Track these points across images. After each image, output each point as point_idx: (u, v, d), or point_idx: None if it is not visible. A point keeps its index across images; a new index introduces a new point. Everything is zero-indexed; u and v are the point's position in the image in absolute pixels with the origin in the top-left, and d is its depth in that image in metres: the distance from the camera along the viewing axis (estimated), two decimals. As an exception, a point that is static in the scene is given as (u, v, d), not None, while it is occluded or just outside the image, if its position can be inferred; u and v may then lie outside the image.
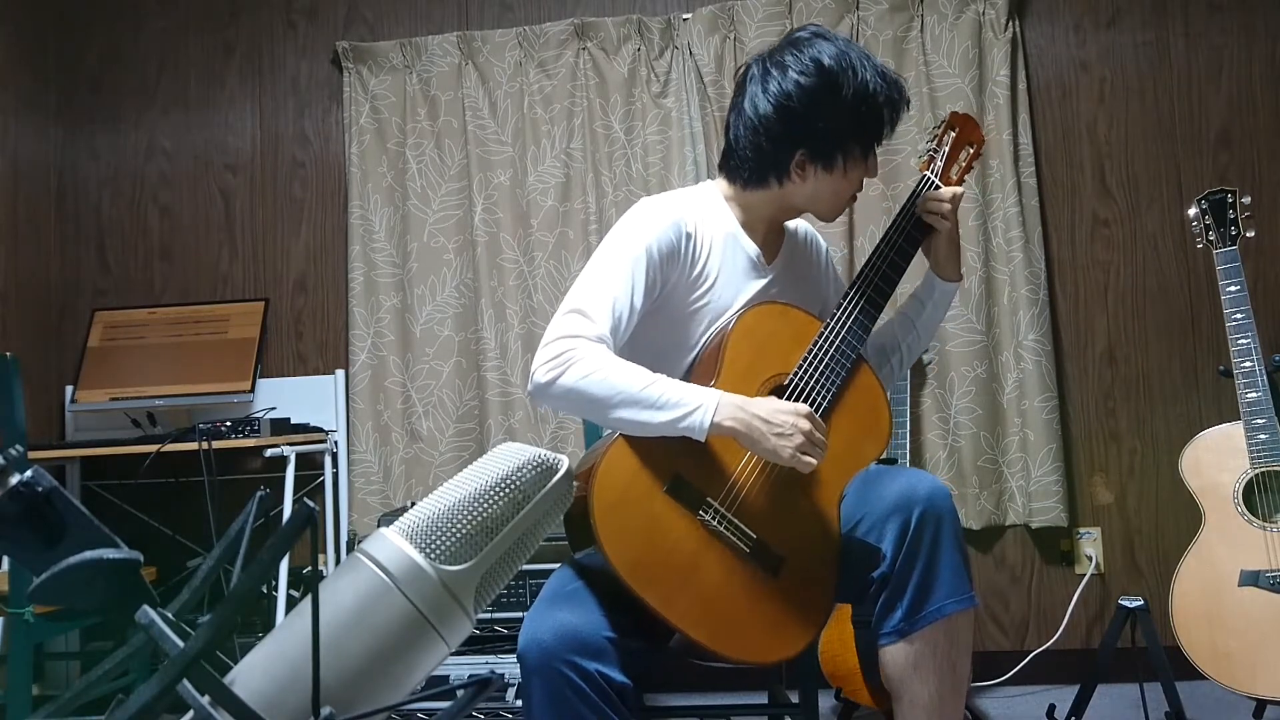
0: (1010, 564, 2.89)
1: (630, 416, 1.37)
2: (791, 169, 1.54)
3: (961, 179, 1.66)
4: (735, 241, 1.59)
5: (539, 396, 1.42)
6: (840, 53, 1.50)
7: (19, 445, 0.73)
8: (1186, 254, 2.86)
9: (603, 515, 1.34)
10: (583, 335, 1.41)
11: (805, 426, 1.36)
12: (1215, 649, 2.12)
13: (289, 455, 2.62)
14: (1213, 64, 2.89)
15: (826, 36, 1.53)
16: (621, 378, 1.37)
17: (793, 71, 1.50)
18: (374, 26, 3.20)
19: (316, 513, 0.66)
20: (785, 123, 1.51)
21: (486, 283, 3.00)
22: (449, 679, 2.38)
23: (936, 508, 1.39)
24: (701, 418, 1.36)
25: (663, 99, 3.00)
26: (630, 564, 1.33)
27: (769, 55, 1.55)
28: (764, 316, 1.53)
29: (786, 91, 1.49)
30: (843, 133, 1.52)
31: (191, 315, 3.05)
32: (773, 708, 1.95)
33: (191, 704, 0.65)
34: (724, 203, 1.62)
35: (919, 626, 1.38)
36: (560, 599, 1.37)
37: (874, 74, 1.51)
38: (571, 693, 1.27)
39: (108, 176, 3.27)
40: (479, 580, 0.74)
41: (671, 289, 1.53)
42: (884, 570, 1.39)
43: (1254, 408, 2.19)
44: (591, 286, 1.46)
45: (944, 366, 2.87)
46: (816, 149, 1.53)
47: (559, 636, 1.29)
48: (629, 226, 1.53)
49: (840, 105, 1.49)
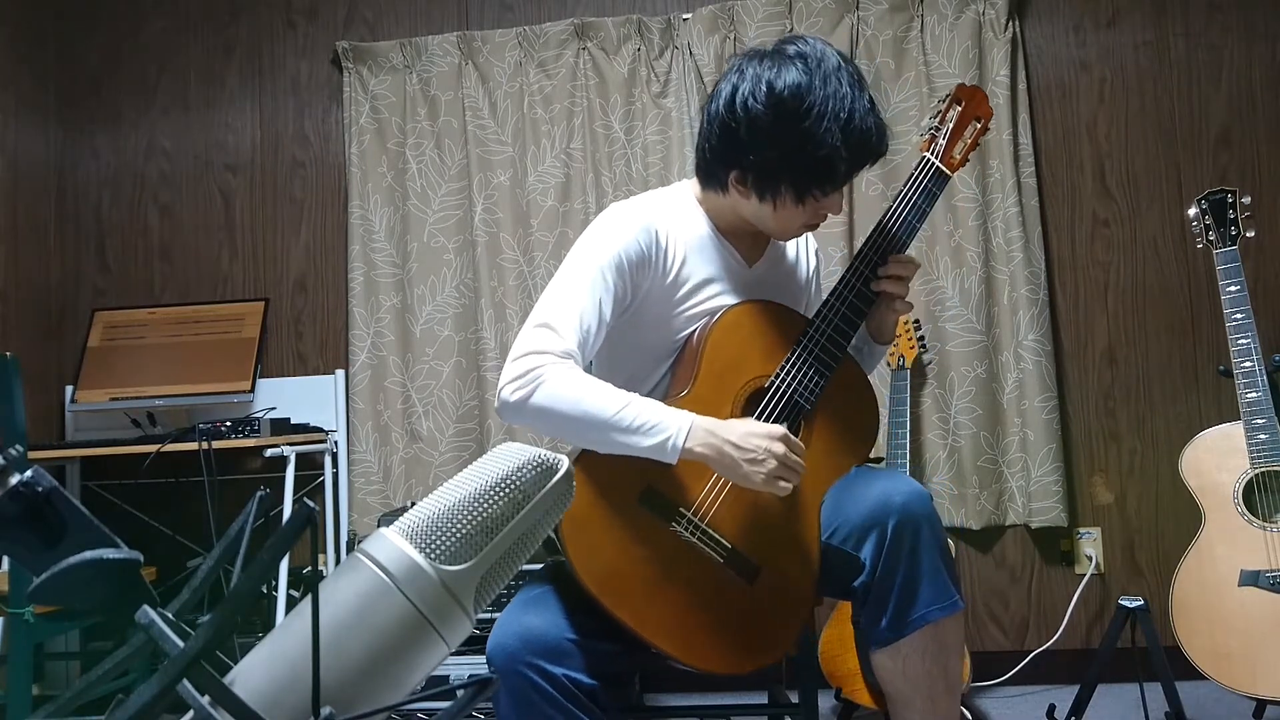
0: (1010, 564, 2.89)
1: (600, 438, 1.35)
2: (729, 183, 1.48)
3: (966, 158, 1.53)
4: (710, 243, 1.54)
5: (507, 415, 1.39)
6: (806, 87, 1.37)
7: (19, 445, 0.74)
8: (1186, 254, 2.86)
9: (571, 530, 1.32)
10: (550, 351, 1.37)
11: (779, 450, 1.31)
12: (1215, 649, 2.12)
13: (289, 455, 2.62)
14: (1213, 64, 2.89)
15: (806, 58, 1.39)
16: (591, 399, 1.33)
17: (747, 85, 1.41)
18: (374, 26, 3.20)
19: (316, 513, 0.66)
20: (723, 139, 1.45)
21: (486, 283, 3.00)
22: (449, 679, 2.38)
23: (913, 516, 1.34)
24: (673, 443, 1.32)
25: (663, 99, 3.00)
26: (600, 579, 1.31)
27: (750, 54, 1.47)
28: (746, 315, 1.47)
29: (734, 106, 1.42)
30: (775, 172, 1.42)
31: (191, 315, 3.05)
32: (773, 708, 1.95)
33: (191, 704, 0.65)
34: (695, 204, 1.57)
35: (904, 634, 1.36)
36: (528, 604, 1.36)
37: (833, 122, 1.36)
38: (537, 695, 1.27)
39: (108, 176, 3.27)
40: (479, 580, 0.74)
41: (645, 295, 1.49)
42: (864, 580, 1.36)
43: (1254, 408, 2.19)
44: (559, 299, 1.42)
45: (944, 366, 2.87)
46: (748, 176, 1.44)
47: (522, 640, 1.28)
48: (596, 235, 1.48)
49: (778, 144, 1.39)
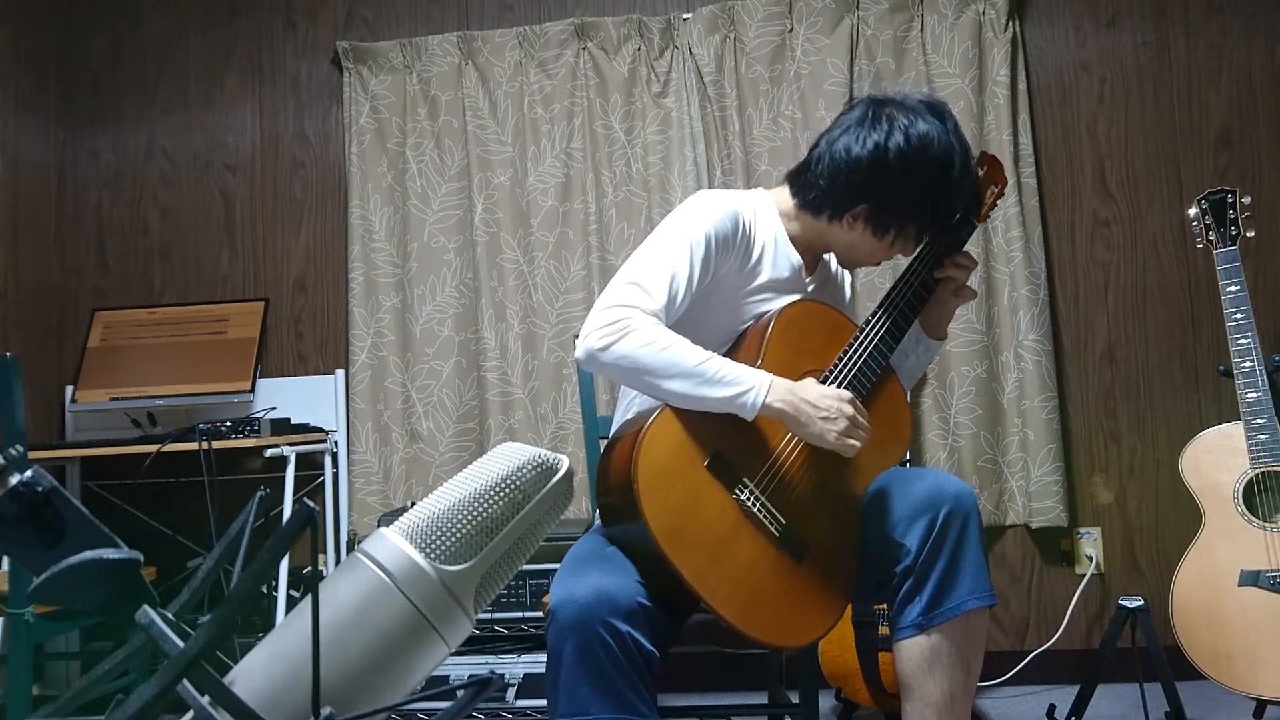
0: (1010, 564, 2.89)
1: (683, 389, 1.39)
2: (845, 216, 1.58)
3: (984, 217, 1.73)
4: (781, 247, 1.63)
5: (590, 362, 1.43)
6: (951, 143, 1.53)
7: (19, 445, 0.73)
8: (1186, 254, 2.86)
9: (646, 481, 1.35)
10: (638, 307, 1.43)
11: (850, 411, 1.41)
12: (1215, 649, 2.12)
13: (289, 455, 2.62)
14: (1213, 64, 2.89)
15: (944, 117, 1.55)
16: (677, 350, 1.40)
17: (898, 134, 1.51)
18: (374, 26, 3.20)
19: (316, 513, 0.66)
20: (868, 176, 1.53)
21: (486, 283, 3.00)
22: (449, 679, 2.38)
23: (964, 507, 1.43)
24: (755, 397, 1.40)
25: (663, 99, 3.00)
26: (669, 532, 1.34)
27: (887, 101, 1.57)
28: (806, 312, 1.57)
29: (885, 148, 1.51)
30: (911, 213, 1.56)
31: (191, 315, 3.05)
32: (773, 708, 1.95)
33: (191, 704, 0.65)
34: (775, 212, 1.66)
35: (937, 621, 1.41)
36: (593, 560, 1.38)
37: (967, 177, 1.56)
38: (603, 653, 1.28)
39: (108, 176, 3.27)
40: (479, 580, 0.74)
41: (723, 277, 1.56)
42: (907, 564, 1.42)
43: (1254, 408, 2.19)
44: (650, 262, 1.48)
45: (944, 366, 2.87)
46: (878, 212, 1.56)
47: (596, 595, 1.30)
48: (689, 211, 1.56)
49: (924, 188, 1.53)
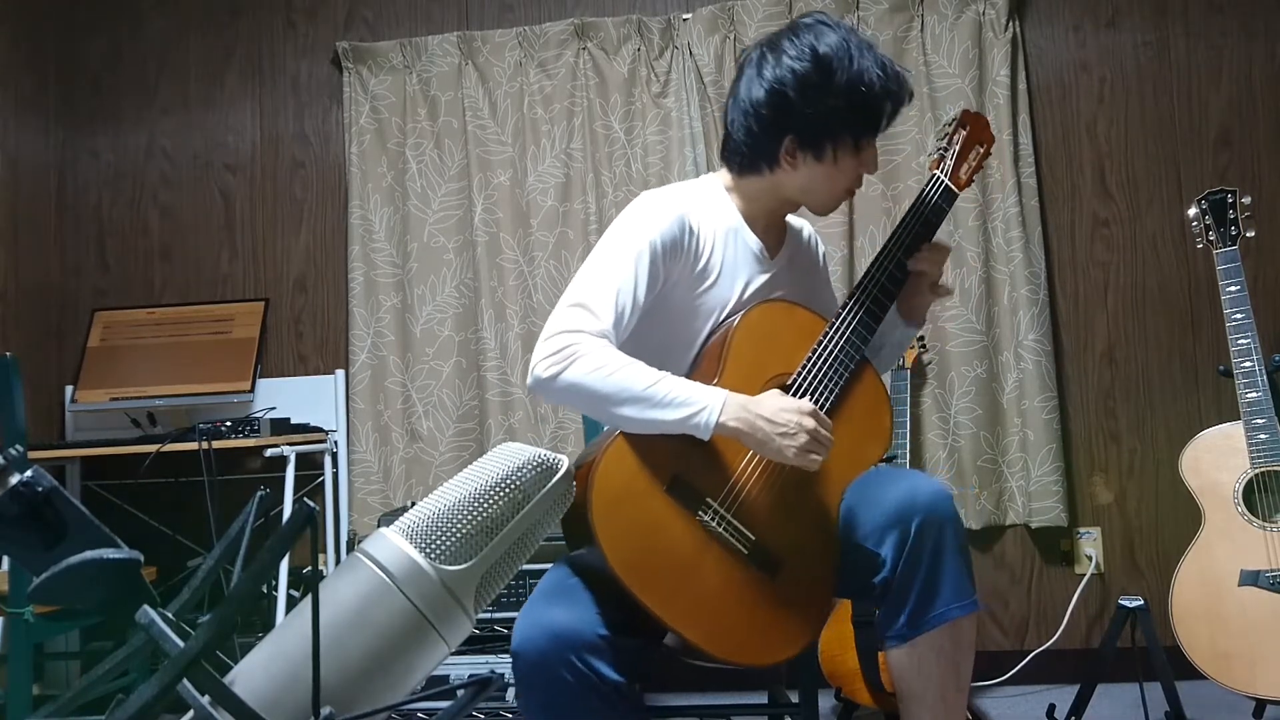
0: (1010, 564, 2.88)
1: (634, 414, 1.35)
2: (781, 156, 1.53)
3: (970, 179, 1.64)
4: (738, 235, 1.57)
5: (540, 391, 1.39)
6: (840, 40, 1.48)
7: (19, 445, 0.73)
8: (1186, 254, 2.86)
9: (601, 513, 1.32)
10: (585, 330, 1.38)
11: (810, 425, 1.35)
12: (1215, 649, 2.12)
13: (289, 455, 2.62)
14: (1213, 64, 2.89)
15: (829, 24, 1.51)
16: (626, 375, 1.35)
17: (788, 57, 1.48)
18: (374, 27, 3.20)
19: (316, 513, 0.66)
20: (776, 108, 1.49)
21: (486, 283, 3.00)
22: (449, 679, 2.38)
23: (938, 515, 1.36)
24: (707, 417, 1.35)
25: (663, 99, 3.00)
26: (628, 564, 1.32)
27: (768, 41, 1.54)
28: (768, 314, 1.52)
29: (780, 77, 1.48)
30: (833, 121, 1.49)
31: (191, 315, 3.05)
32: (773, 708, 1.95)
33: (191, 704, 0.65)
34: (726, 194, 1.60)
35: (922, 631, 1.36)
36: (554, 595, 1.36)
37: (873, 64, 1.48)
38: (566, 691, 1.26)
39: (108, 176, 3.27)
40: (479, 580, 0.75)
41: (674, 283, 1.51)
42: (885, 575, 1.37)
43: (1254, 408, 2.19)
44: (594, 280, 1.44)
45: (944, 366, 2.87)
46: (806, 136, 1.50)
47: (553, 635, 1.27)
48: (631, 219, 1.51)
49: (832, 92, 1.47)
